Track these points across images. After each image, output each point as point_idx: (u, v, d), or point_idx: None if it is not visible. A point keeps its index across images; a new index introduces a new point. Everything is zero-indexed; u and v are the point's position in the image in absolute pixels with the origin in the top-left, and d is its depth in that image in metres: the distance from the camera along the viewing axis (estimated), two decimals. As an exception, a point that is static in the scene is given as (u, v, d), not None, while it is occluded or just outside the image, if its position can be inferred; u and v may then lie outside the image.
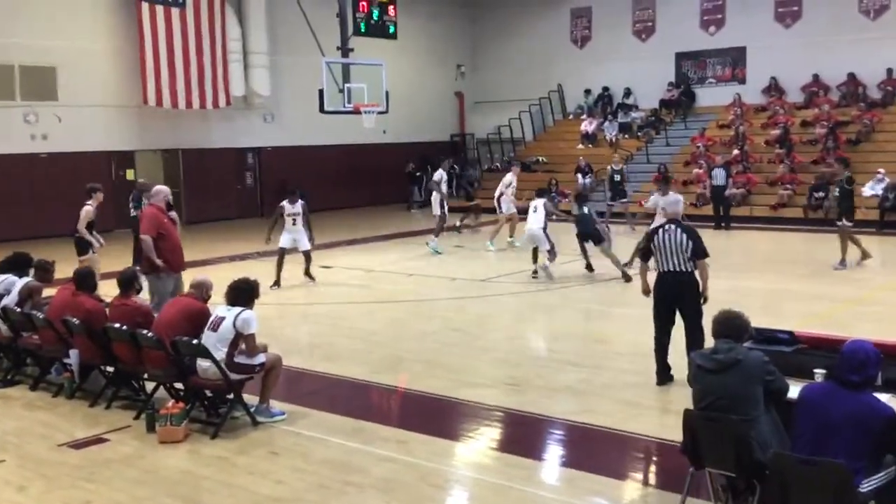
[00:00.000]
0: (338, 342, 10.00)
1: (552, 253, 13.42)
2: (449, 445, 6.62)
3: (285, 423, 7.03)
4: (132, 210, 15.60)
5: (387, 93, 20.95)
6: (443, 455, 6.38)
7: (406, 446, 6.50)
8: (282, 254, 13.40)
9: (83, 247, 12.02)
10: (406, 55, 26.88)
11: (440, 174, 17.64)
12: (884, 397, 4.68)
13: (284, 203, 13.86)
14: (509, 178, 17.84)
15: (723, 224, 19.60)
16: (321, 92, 19.81)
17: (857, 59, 22.81)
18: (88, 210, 12.01)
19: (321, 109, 20.13)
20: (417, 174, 27.42)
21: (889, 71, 22.59)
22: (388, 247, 18.45)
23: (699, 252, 7.68)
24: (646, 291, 8.08)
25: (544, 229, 13.45)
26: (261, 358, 7.02)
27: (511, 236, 17.23)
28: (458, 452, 6.54)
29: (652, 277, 7.99)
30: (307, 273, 13.73)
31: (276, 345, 7.70)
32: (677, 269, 7.70)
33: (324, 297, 12.73)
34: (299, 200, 13.84)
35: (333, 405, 7.56)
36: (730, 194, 20.12)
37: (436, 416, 7.40)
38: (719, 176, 19.86)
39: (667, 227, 7.84)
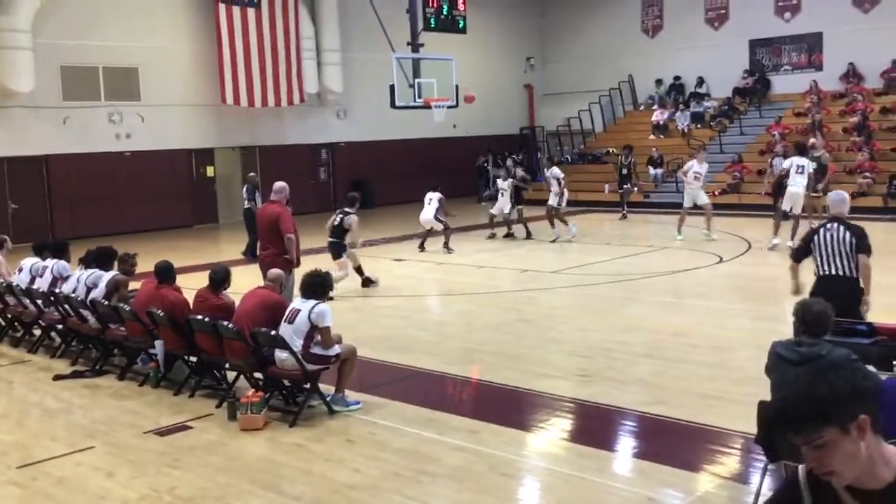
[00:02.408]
0: (410, 334, 10.14)
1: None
2: (520, 435, 6.68)
3: (360, 412, 7.18)
4: (245, 202, 16.12)
5: (456, 87, 21.04)
6: (514, 445, 6.44)
7: (478, 436, 6.58)
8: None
9: None
10: (476, 49, 26.92)
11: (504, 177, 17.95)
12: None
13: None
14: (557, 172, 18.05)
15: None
16: (392, 87, 20.01)
17: (941, 42, 22.03)
18: None
19: (392, 105, 20.34)
20: (487, 167, 27.47)
21: (976, 54, 21.76)
22: (458, 239, 18.52)
23: (864, 248, 6.99)
24: (796, 291, 7.31)
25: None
26: (336, 349, 7.18)
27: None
28: (529, 442, 6.60)
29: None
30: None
31: (349, 336, 7.87)
32: (842, 274, 6.97)
33: (395, 290, 12.90)
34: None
35: (407, 396, 7.69)
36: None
37: (507, 407, 7.47)
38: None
39: (829, 225, 7.16)
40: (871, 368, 4.95)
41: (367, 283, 12.79)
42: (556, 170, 18.07)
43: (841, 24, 23.91)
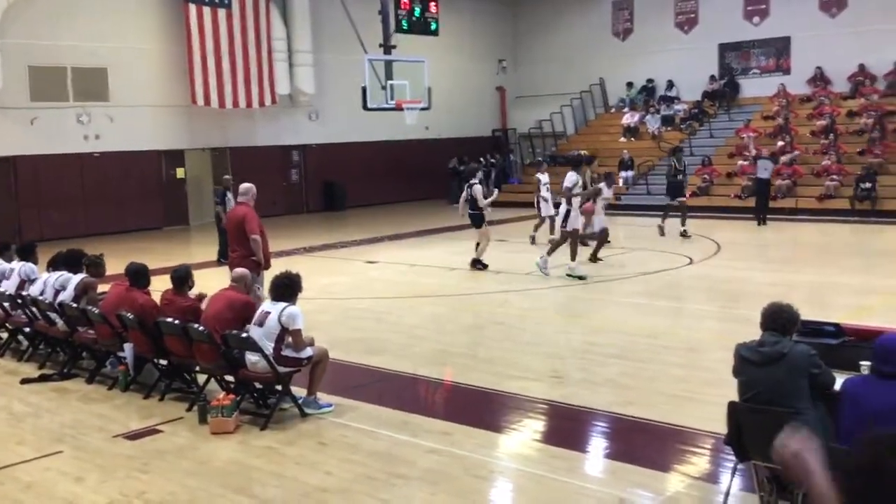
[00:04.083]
0: (382, 336, 10.12)
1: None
2: (493, 437, 6.70)
3: (333, 415, 7.15)
4: (216, 205, 15.99)
5: (429, 89, 21.07)
6: (487, 447, 6.45)
7: (451, 438, 6.58)
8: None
9: None
10: (448, 51, 26.97)
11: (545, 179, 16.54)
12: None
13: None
14: (543, 177, 17.05)
15: (763, 217, 18.95)
16: (364, 89, 19.99)
17: (905, 47, 22.39)
18: None
19: (364, 107, 20.32)
20: (461, 169, 27.49)
21: (940, 59, 22.14)
22: (430, 242, 18.57)
23: None
24: None
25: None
26: (308, 351, 7.15)
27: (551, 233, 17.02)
28: (503, 444, 6.61)
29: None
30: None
31: (321, 339, 7.84)
32: None
33: (367, 292, 12.88)
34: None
35: (379, 398, 7.67)
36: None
37: (480, 409, 7.47)
38: (762, 168, 19.19)
39: None
40: (838, 375, 5.03)
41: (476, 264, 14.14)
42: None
43: (808, 28, 24.24)
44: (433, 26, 22.53)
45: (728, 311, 10.60)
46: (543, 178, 16.67)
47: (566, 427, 7.05)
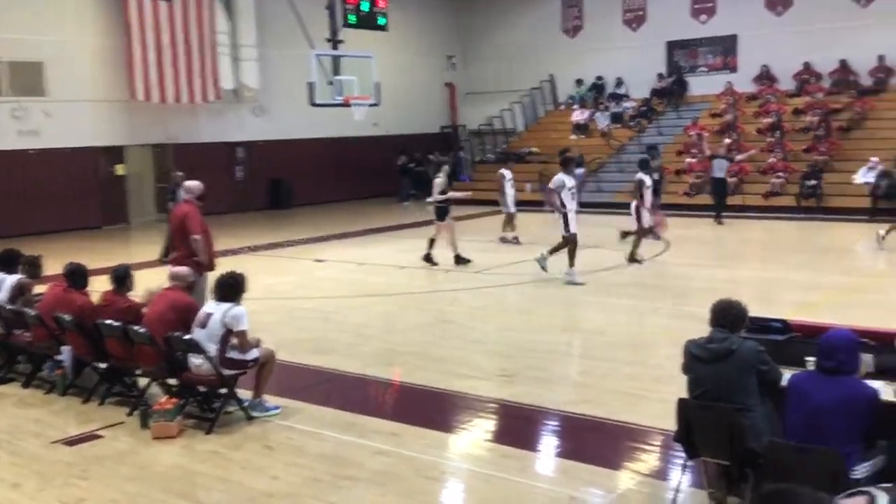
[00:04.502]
0: (330, 336, 9.98)
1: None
2: (442, 437, 6.62)
3: (279, 417, 7.01)
4: (170, 203, 15.64)
5: (377, 85, 20.90)
6: (436, 447, 6.37)
7: (400, 439, 6.49)
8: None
9: None
10: (397, 47, 26.82)
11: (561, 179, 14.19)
12: (876, 384, 4.72)
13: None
14: (507, 173, 17.07)
15: (720, 216, 18.83)
16: (311, 85, 19.76)
17: (848, 46, 22.83)
18: None
19: (311, 103, 20.08)
20: (410, 166, 27.40)
21: (880, 58, 22.61)
22: (380, 240, 18.44)
23: None
24: None
25: None
26: (254, 353, 6.99)
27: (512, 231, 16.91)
28: (452, 444, 6.53)
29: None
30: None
31: (267, 339, 7.68)
32: None
33: (315, 291, 12.71)
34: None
35: (327, 399, 7.54)
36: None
37: (429, 409, 7.39)
38: (720, 167, 18.96)
39: None
40: (785, 370, 5.06)
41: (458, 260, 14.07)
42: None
43: (755, 26, 24.60)
44: (381, 21, 22.36)
45: (677, 307, 10.66)
46: (508, 173, 16.62)
47: (517, 426, 7.00)
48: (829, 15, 23.11)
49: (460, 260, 14.16)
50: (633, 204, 13.70)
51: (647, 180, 13.59)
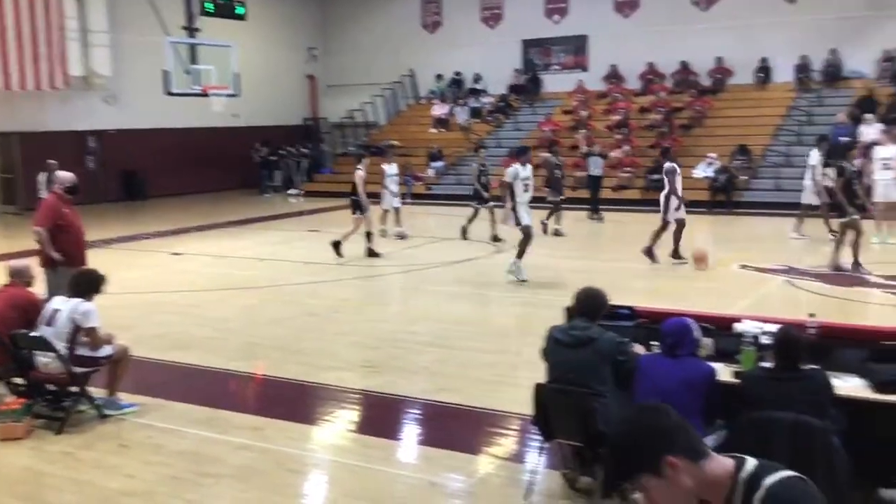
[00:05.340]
0: (189, 331, 9.75)
1: None
2: (306, 430, 6.62)
3: (135, 415, 6.82)
4: (43, 192, 14.74)
5: (237, 75, 20.48)
6: (300, 440, 6.38)
7: (262, 433, 6.45)
8: None
9: None
10: (257, 37, 26.32)
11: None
12: (717, 366, 5.08)
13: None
14: (389, 168, 16.14)
15: (598, 211, 18.93)
16: (166, 73, 19.14)
17: (689, 47, 24.11)
18: None
19: (166, 91, 19.46)
20: (271, 158, 27.01)
21: (718, 59, 24.00)
22: (240, 232, 18.09)
23: None
24: None
25: None
26: (106, 350, 6.77)
27: (398, 226, 16.43)
28: (316, 436, 6.55)
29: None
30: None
31: (124, 336, 7.45)
32: None
33: (173, 285, 12.36)
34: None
35: (186, 395, 7.39)
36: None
37: (292, 402, 7.37)
38: (594, 164, 19.18)
39: None
40: (637, 348, 5.38)
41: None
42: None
43: (604, 27, 25.59)
44: (240, 11, 21.94)
45: (535, 296, 11.02)
46: (390, 168, 16.20)
47: (380, 416, 7.09)
48: (672, 18, 24.34)
49: (374, 253, 14.11)
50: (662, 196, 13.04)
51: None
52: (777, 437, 4.30)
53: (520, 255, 11.77)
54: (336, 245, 14.04)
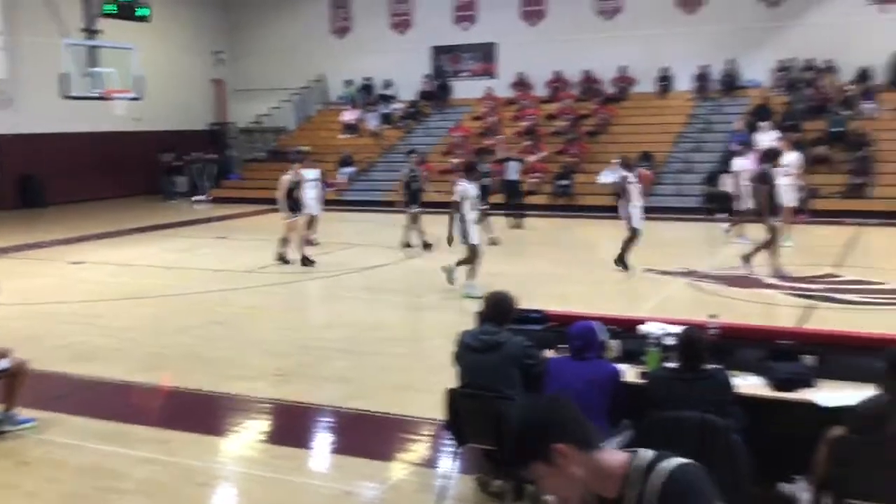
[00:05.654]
0: (92, 341, 9.43)
1: None
2: (214, 442, 6.49)
3: (35, 431, 6.55)
4: None
5: (140, 78, 19.93)
6: (207, 452, 6.24)
7: (168, 446, 6.29)
8: None
9: None
10: (161, 40, 25.67)
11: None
12: (623, 367, 5.20)
13: None
14: (311, 173, 15.45)
15: (516, 215, 18.74)
16: (63, 76, 18.50)
17: (594, 56, 24.66)
18: None
19: (64, 95, 18.80)
20: (176, 164, 26.38)
21: (622, 68, 24.61)
22: (144, 240, 17.60)
23: None
24: None
25: None
26: (2, 363, 6.49)
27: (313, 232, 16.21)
28: (224, 448, 6.42)
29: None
30: None
31: (20, 348, 7.15)
32: None
33: (74, 295, 11.94)
34: None
35: (89, 408, 7.15)
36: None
37: (199, 413, 7.21)
38: (512, 169, 19.03)
39: None
40: (547, 352, 5.45)
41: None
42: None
43: (511, 35, 25.94)
44: (143, 12, 21.29)
45: (446, 301, 11.07)
46: (311, 174, 15.81)
47: (291, 425, 7.00)
48: (577, 27, 24.87)
49: (283, 259, 13.89)
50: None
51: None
52: (682, 436, 4.42)
53: (470, 274, 11.34)
54: (282, 256, 13.91)
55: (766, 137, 19.09)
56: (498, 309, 5.34)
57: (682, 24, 23.79)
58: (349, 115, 26.75)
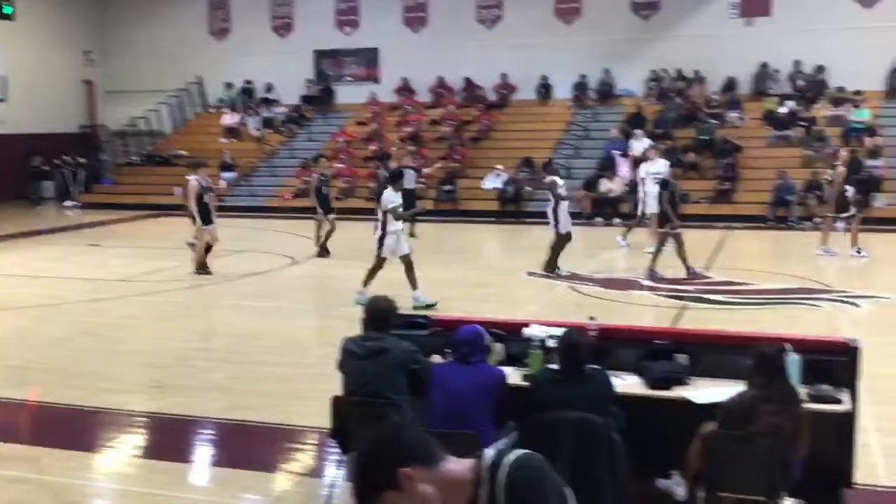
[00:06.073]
0: (-50, 357, 8.87)
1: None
2: (87, 458, 6.21)
3: None
4: None
5: (3, 79, 18.94)
6: (80, 469, 5.97)
7: (37, 464, 5.97)
8: None
9: None
10: (27, 38, 24.47)
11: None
12: (508, 370, 5.26)
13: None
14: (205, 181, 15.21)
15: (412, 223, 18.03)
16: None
17: (476, 63, 24.96)
18: None
19: (-81, 94, 17.68)
20: (44, 168, 25.18)
21: (503, 76, 25.02)
22: (9, 247, 16.70)
23: None
24: None
25: None
26: None
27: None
28: (98, 464, 6.16)
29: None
30: None
31: None
32: None
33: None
34: None
35: (-53, 428, 6.72)
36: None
37: (71, 429, 6.89)
38: (409, 178, 17.90)
39: None
40: (435, 357, 5.46)
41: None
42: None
43: (394, 41, 25.96)
44: (7, 10, 20.27)
45: (328, 308, 10.96)
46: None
47: (169, 439, 6.77)
48: (459, 34, 25.11)
49: (204, 269, 13.23)
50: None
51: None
52: (563, 436, 4.51)
53: (413, 286, 10.89)
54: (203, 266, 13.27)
55: (640, 145, 19.79)
56: (378, 314, 5.31)
57: (559, 34, 24.38)
58: (230, 119, 26.17)
